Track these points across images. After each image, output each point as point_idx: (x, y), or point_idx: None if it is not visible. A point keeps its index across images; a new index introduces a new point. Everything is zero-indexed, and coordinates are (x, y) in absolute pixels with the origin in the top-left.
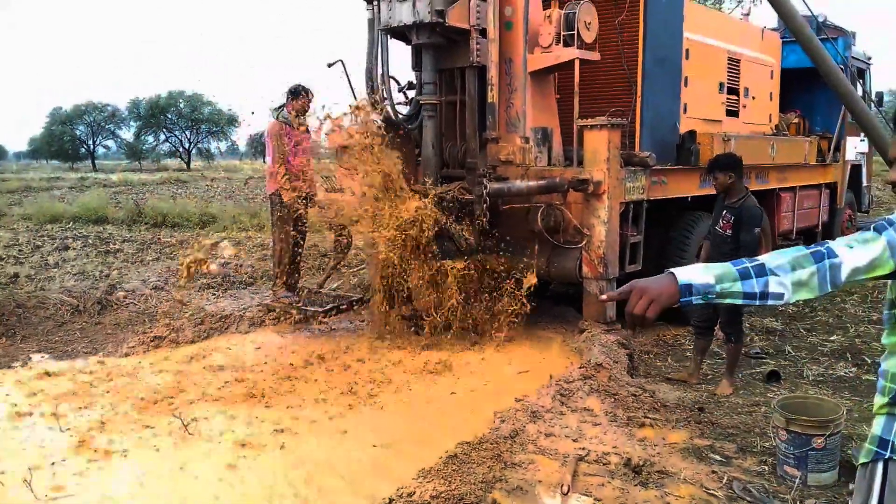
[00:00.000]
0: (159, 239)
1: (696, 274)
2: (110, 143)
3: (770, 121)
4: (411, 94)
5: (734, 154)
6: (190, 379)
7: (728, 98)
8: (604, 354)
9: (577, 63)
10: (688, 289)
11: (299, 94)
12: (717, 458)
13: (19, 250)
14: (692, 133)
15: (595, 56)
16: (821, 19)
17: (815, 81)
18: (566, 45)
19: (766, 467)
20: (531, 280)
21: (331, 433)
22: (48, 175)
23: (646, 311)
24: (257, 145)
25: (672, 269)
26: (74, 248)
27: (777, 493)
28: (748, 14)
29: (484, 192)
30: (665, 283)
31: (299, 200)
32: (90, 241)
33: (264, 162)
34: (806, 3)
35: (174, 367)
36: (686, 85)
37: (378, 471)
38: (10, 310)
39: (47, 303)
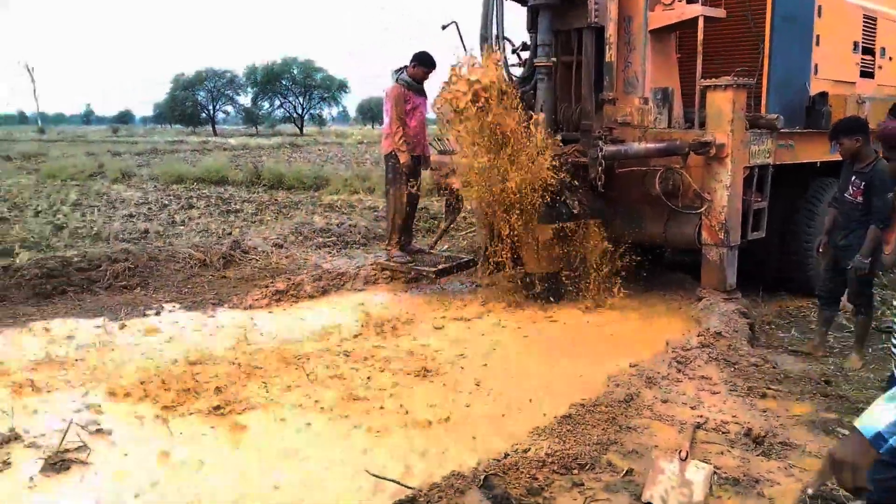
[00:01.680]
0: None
1: (877, 418)
2: (229, 108)
3: None
4: (525, 55)
5: (858, 117)
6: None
7: (863, 58)
8: (723, 323)
9: (700, 20)
10: (879, 438)
11: (422, 62)
12: (846, 432)
13: (148, 208)
14: (823, 95)
15: (720, 13)
16: None
17: None
18: (690, 1)
19: None
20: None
21: (446, 390)
22: (172, 138)
23: (855, 482)
24: (367, 111)
25: (854, 424)
26: (198, 208)
27: None
28: None
29: (599, 154)
30: (856, 446)
31: (414, 162)
32: (212, 201)
33: (379, 124)
34: None
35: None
36: (817, 44)
37: (492, 427)
38: (143, 262)
39: (177, 256)
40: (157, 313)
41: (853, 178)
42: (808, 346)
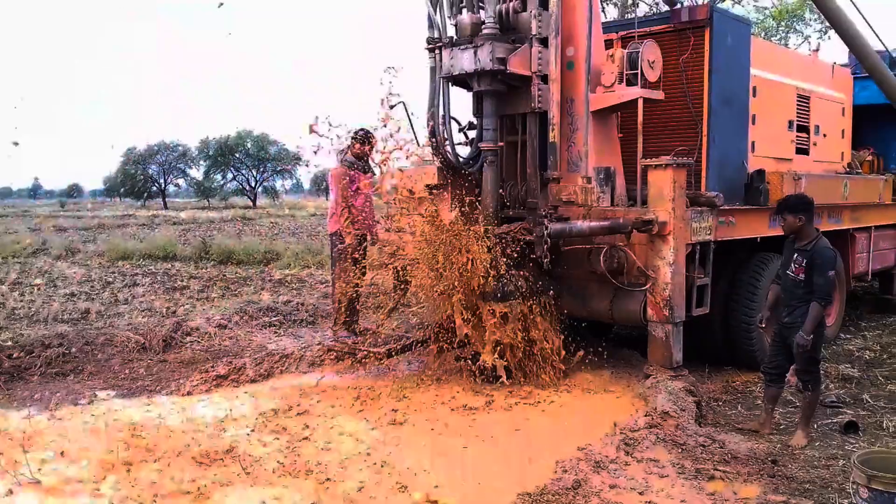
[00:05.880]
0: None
1: None
2: (181, 181)
3: (842, 159)
4: (472, 134)
5: (805, 196)
6: None
7: (798, 136)
8: (670, 402)
9: (640, 102)
10: None
11: (363, 141)
12: None
13: (91, 286)
14: (761, 172)
15: (659, 95)
16: (895, 55)
17: (888, 118)
18: (629, 84)
19: None
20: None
21: (389, 477)
22: (121, 213)
23: None
24: (321, 183)
25: None
26: (143, 285)
27: None
28: (818, 50)
29: (545, 232)
30: None
31: (359, 241)
32: (158, 278)
33: (327, 200)
34: (880, 39)
35: None
36: (754, 123)
37: None
38: (79, 346)
39: (115, 339)
40: (91, 402)
41: (795, 255)
42: (754, 423)
